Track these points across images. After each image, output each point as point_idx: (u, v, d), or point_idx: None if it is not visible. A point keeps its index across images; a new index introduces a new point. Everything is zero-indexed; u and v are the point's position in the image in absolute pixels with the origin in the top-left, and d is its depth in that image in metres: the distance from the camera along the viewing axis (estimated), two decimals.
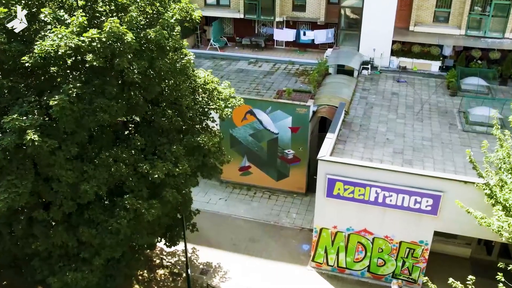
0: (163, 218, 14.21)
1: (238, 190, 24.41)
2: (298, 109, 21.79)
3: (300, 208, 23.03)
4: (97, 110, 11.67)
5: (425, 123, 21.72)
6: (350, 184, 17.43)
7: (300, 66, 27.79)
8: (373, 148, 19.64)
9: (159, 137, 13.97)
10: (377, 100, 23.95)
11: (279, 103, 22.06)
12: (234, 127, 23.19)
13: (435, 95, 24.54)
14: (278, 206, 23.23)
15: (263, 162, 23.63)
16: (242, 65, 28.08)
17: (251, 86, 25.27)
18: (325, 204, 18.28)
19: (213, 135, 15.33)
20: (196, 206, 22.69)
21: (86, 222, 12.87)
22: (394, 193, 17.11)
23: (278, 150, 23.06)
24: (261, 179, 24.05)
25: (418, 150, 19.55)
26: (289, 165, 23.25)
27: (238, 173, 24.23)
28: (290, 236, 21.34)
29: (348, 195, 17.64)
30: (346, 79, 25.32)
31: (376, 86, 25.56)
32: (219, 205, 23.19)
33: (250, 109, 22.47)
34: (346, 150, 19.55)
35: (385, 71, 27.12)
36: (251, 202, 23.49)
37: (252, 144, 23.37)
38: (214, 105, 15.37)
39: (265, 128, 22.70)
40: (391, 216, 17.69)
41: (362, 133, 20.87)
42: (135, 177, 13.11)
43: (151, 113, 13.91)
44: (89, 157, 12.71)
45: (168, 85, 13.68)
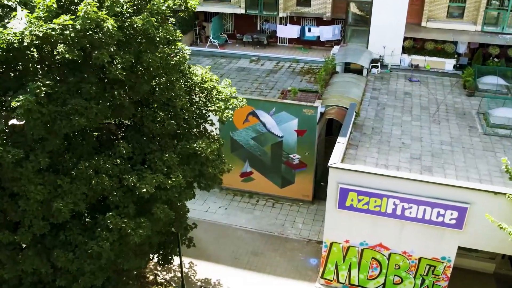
0: (154, 237, 12.11)
1: (239, 198, 22.29)
2: (304, 110, 19.68)
3: (307, 217, 20.92)
4: (72, 112, 9.55)
5: (442, 125, 19.63)
6: (364, 194, 15.34)
7: (305, 65, 25.67)
8: (388, 153, 17.54)
9: (150, 143, 11.88)
10: (389, 100, 21.86)
11: (284, 104, 19.95)
12: (235, 130, 21.08)
13: (451, 95, 22.45)
14: (283, 215, 21.11)
15: (266, 167, 21.50)
16: (243, 63, 25.96)
17: (253, 86, 23.16)
18: (336, 216, 16.18)
19: (211, 140, 13.22)
20: (194, 215, 20.62)
21: (62, 244, 10.75)
22: (414, 205, 15.03)
23: (283, 154, 20.93)
24: (264, 186, 21.91)
25: (438, 155, 17.46)
26: (295, 170, 21.13)
27: (239, 179, 22.11)
28: (296, 249, 19.23)
29: (362, 207, 15.55)
30: (355, 78, 23.21)
31: (387, 85, 23.47)
32: (218, 214, 21.07)
33: (253, 111, 20.36)
34: (359, 155, 17.46)
35: (396, 70, 25.01)
36: (254, 211, 21.38)
37: (255, 148, 21.25)
38: (212, 107, 13.26)
39: (268, 131, 20.57)
40: (410, 230, 15.61)
41: (375, 136, 18.77)
42: (120, 191, 11.00)
43: (140, 115, 11.82)
44: (66, 168, 10.60)
45: (159, 83, 11.56)
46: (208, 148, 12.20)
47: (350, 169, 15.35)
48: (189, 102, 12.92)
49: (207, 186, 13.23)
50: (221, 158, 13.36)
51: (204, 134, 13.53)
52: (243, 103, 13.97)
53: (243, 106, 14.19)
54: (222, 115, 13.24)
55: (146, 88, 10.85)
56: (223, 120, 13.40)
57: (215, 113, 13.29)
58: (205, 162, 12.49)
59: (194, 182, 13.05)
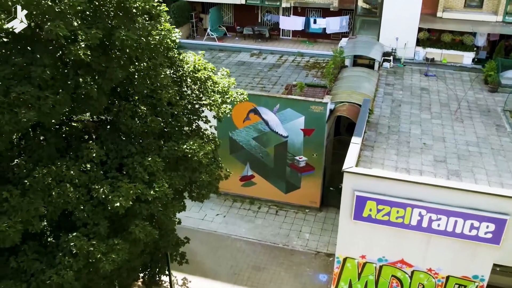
0: (135, 260, 9.66)
1: (239, 204, 19.82)
2: (312, 107, 17.22)
3: (314, 226, 18.44)
4: (18, 104, 7.11)
5: (466, 124, 17.18)
6: (385, 203, 12.91)
7: (311, 58, 23.18)
8: (409, 155, 15.09)
9: (128, 144, 9.43)
10: (404, 96, 19.41)
11: (289, 100, 17.50)
12: (234, 129, 18.63)
13: (471, 91, 19.99)
14: (288, 224, 18.64)
15: (269, 170, 19.04)
16: (244, 57, 23.49)
17: (254, 81, 20.70)
18: (352, 229, 13.74)
19: (205, 141, 10.76)
20: (189, 223, 18.16)
21: (13, 273, 8.28)
22: (443, 216, 12.60)
23: (288, 156, 18.48)
24: (266, 191, 19.45)
25: (465, 158, 15.00)
26: (301, 174, 18.67)
27: (239, 183, 19.65)
28: (303, 262, 16.76)
29: (382, 218, 13.12)
30: (366, 72, 20.76)
31: (401, 80, 21.01)
32: (216, 223, 18.60)
33: (254, 107, 17.93)
34: (375, 158, 15.01)
35: (410, 64, 22.57)
36: (255, 219, 18.90)
37: (256, 149, 18.80)
38: (207, 100, 10.79)
39: (272, 130, 18.13)
40: (438, 244, 13.18)
41: (392, 136, 16.32)
42: (89, 204, 8.56)
43: (117, 110, 9.37)
44: (17, 176, 8.16)
45: (139, 69, 9.12)
46: (201, 150, 9.73)
47: (369, 174, 12.91)
48: (178, 94, 10.45)
49: (200, 196, 10.76)
50: (217, 162, 10.89)
51: (197, 133, 11.06)
52: (244, 97, 11.53)
53: (243, 101, 11.73)
54: (218, 110, 10.78)
55: (120, 75, 8.38)
56: (219, 117, 10.94)
57: (210, 108, 10.83)
58: (197, 167, 10.02)
59: (185, 191, 10.60)
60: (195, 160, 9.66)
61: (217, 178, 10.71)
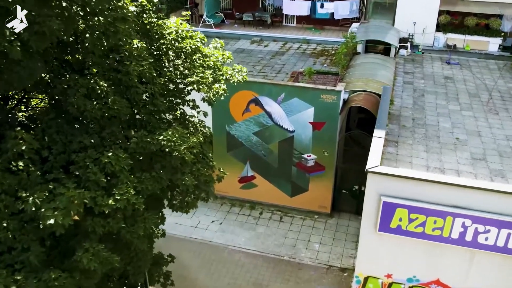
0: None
1: (237, 209, 16.97)
2: (323, 96, 14.40)
3: (325, 235, 15.60)
4: None
5: (502, 116, 14.36)
6: (420, 211, 10.11)
7: (318, 46, 20.38)
8: (440, 152, 12.28)
9: (82, 134, 6.63)
10: (427, 86, 16.60)
11: (296, 88, 14.67)
12: (232, 123, 15.82)
13: (501, 80, 17.21)
14: (294, 232, 15.80)
15: (272, 170, 16.20)
16: (243, 45, 20.68)
17: (255, 69, 17.89)
18: (376, 242, 10.91)
19: (191, 131, 7.93)
20: (179, 232, 15.33)
21: None
22: (493, 228, 9.83)
23: (294, 154, 15.65)
24: (269, 194, 16.61)
25: (508, 155, 12.21)
26: (309, 175, 15.84)
27: (238, 185, 16.82)
28: (312, 279, 13.93)
29: (415, 230, 10.32)
30: (381, 59, 17.93)
31: (421, 68, 18.21)
32: (211, 231, 15.75)
33: (255, 97, 15.11)
34: (401, 155, 12.19)
35: (429, 51, 19.78)
36: (256, 227, 16.05)
37: (258, 146, 15.97)
38: (194, 77, 7.97)
39: (275, 124, 15.31)
40: (484, 262, 10.39)
41: (418, 130, 13.50)
42: (17, 220, 5.77)
43: (64, 85, 6.57)
44: None
45: (94, 29, 6.32)
46: (183, 142, 6.91)
47: (400, 175, 10.09)
48: (155, 69, 7.64)
49: (183, 205, 7.92)
50: (207, 160, 8.02)
51: (183, 121, 8.23)
52: (243, 76, 8.70)
53: (242, 80, 8.89)
54: (209, 90, 7.95)
55: (63, 31, 5.56)
56: (210, 99, 8.12)
57: (197, 88, 7.99)
58: (179, 167, 7.19)
59: (164, 198, 7.79)
60: (175, 156, 6.83)
61: (207, 180, 7.82)
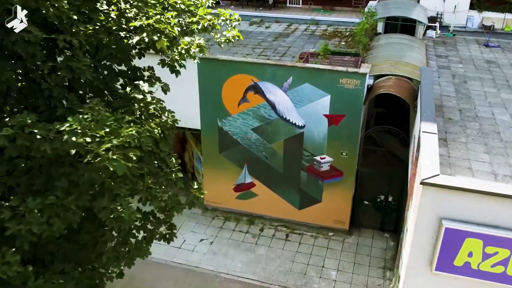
0: None
1: (232, 224, 13.36)
2: (343, 81, 10.84)
3: (343, 258, 12.02)
4: None
5: None
6: (501, 244, 6.59)
7: (329, 27, 16.87)
8: (506, 154, 8.79)
9: None
10: (468, 71, 13.08)
11: (308, 71, 11.09)
12: (225, 116, 12.25)
13: None
14: (304, 255, 12.20)
15: (276, 176, 12.60)
16: (241, 26, 17.09)
17: (255, 52, 14.34)
18: (430, 286, 7.36)
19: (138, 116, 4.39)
20: (158, 255, 11.74)
21: None
22: None
23: (304, 156, 12.06)
24: (272, 205, 13.03)
25: None
26: (323, 182, 12.25)
27: (233, 194, 13.24)
28: None
29: (491, 269, 6.78)
30: (408, 40, 14.40)
31: (455, 51, 14.69)
32: (199, 254, 12.17)
33: (254, 83, 11.56)
34: (455, 157, 8.67)
35: (461, 32, 16.27)
36: (256, 248, 12.46)
37: (258, 145, 12.40)
38: (144, 21, 4.41)
39: (281, 117, 11.75)
40: None
41: (469, 124, 9.98)
42: None
43: None
44: None
45: None
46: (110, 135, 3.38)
47: (477, 189, 6.52)
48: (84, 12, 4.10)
49: (114, 260, 4.36)
50: (167, 170, 4.45)
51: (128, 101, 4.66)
52: (236, 22, 5.19)
53: (233, 40, 5.33)
54: (172, 47, 4.39)
55: None
56: (175, 62, 4.56)
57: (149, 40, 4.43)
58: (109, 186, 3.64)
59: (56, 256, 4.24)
60: (92, 165, 3.27)
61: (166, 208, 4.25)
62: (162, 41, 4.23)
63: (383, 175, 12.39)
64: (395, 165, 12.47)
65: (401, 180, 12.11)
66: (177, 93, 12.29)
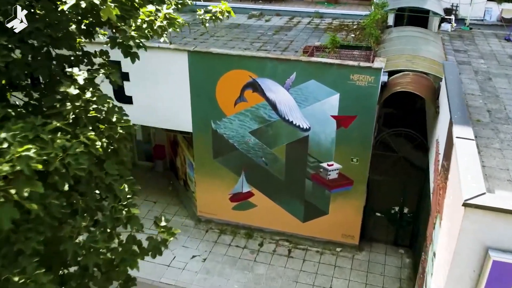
0: None
1: (228, 238, 11.88)
2: (354, 77, 9.37)
3: (353, 278, 10.55)
4: None
5: None
6: None
7: (334, 20, 15.42)
8: None
9: None
10: (491, 67, 11.63)
11: (314, 65, 9.64)
12: (220, 117, 10.77)
13: None
14: (308, 274, 10.73)
15: (277, 185, 11.13)
16: (239, 19, 15.66)
17: (254, 46, 12.86)
18: None
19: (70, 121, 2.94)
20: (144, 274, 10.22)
21: None
22: None
23: (309, 162, 10.58)
24: (273, 217, 11.56)
25: None
26: (330, 191, 10.80)
27: (229, 205, 11.77)
28: None
29: None
30: (422, 33, 12.97)
31: (474, 46, 13.26)
32: (190, 272, 10.71)
33: (253, 80, 10.09)
34: (490, 167, 7.20)
35: (478, 26, 14.85)
36: (255, 265, 10.99)
37: (257, 150, 10.93)
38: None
39: (282, 119, 10.28)
40: None
41: (502, 127, 8.52)
42: None
43: None
44: None
45: None
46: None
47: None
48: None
49: None
50: (117, 213, 2.98)
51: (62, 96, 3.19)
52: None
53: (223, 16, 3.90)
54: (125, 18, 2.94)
55: None
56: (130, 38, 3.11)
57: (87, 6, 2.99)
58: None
59: None
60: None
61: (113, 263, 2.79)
62: (109, 9, 2.78)
63: (397, 184, 10.94)
64: (411, 173, 11.03)
65: (418, 190, 10.69)
66: (165, 91, 10.95)
